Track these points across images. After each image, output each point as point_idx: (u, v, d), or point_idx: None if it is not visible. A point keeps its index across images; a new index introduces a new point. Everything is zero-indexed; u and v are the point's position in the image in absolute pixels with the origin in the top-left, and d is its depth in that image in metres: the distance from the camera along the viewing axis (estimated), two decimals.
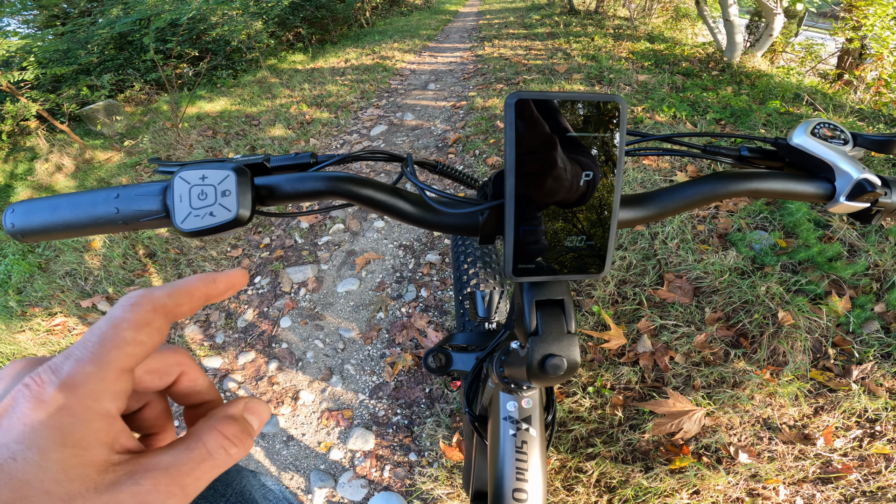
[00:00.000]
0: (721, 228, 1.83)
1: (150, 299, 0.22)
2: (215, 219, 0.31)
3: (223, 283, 0.26)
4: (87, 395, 0.19)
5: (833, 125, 0.40)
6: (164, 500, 0.20)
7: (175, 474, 0.20)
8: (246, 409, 0.24)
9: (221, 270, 1.74)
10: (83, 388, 0.19)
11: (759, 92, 3.12)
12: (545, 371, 0.33)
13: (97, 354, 0.20)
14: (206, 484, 0.22)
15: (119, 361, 0.21)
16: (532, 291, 0.34)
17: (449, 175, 0.46)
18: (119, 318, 0.21)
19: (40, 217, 0.33)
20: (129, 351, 0.21)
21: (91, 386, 0.20)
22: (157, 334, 0.22)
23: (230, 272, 0.27)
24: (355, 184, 0.34)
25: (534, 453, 0.46)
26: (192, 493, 0.21)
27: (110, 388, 0.20)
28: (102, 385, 0.20)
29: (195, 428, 0.23)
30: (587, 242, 0.32)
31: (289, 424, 1.46)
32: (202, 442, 0.22)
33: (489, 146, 2.80)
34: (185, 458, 0.21)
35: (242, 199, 0.31)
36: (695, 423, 1.23)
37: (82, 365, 0.20)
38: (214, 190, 0.31)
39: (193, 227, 0.31)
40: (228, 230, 0.31)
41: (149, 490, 0.20)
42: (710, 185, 0.38)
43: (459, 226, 0.36)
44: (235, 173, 0.31)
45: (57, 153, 3.81)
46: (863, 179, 0.37)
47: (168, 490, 0.20)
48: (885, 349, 1.34)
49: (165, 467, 0.20)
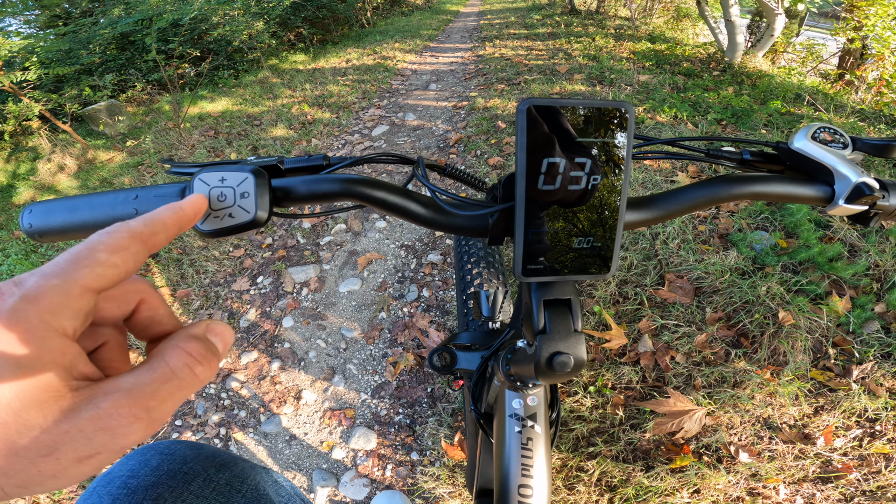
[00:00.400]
0: (722, 229, 1.84)
1: (127, 227, 0.22)
2: (234, 220, 0.32)
3: (190, 209, 0.26)
4: (47, 308, 0.18)
5: (833, 129, 0.41)
6: (128, 423, 0.18)
7: (138, 395, 0.19)
8: (209, 330, 0.24)
9: (223, 270, 1.73)
10: (43, 301, 0.18)
11: (761, 92, 3.12)
12: (553, 368, 0.34)
13: (66, 270, 0.19)
14: (172, 408, 0.20)
15: (87, 279, 0.20)
16: (540, 291, 0.35)
17: (457, 177, 0.46)
18: (95, 241, 0.21)
19: (59, 217, 0.34)
20: (99, 271, 0.20)
21: (52, 298, 0.18)
22: (131, 260, 0.22)
23: (190, 197, 0.28)
24: (368, 186, 0.35)
25: (539, 450, 0.47)
26: (158, 417, 0.20)
27: (72, 304, 0.19)
28: (64, 300, 0.19)
29: (157, 349, 0.22)
30: (594, 244, 0.33)
31: (291, 424, 1.46)
32: (165, 361, 0.21)
33: (490, 146, 2.80)
34: (148, 378, 0.20)
35: (260, 201, 0.32)
36: (695, 422, 1.23)
37: (47, 278, 0.19)
38: (233, 192, 0.32)
39: (213, 228, 0.32)
40: (246, 231, 0.32)
41: (110, 413, 0.18)
42: (713, 189, 0.38)
43: (469, 227, 0.37)
44: (254, 175, 0.32)
45: (59, 153, 3.82)
46: (861, 183, 0.37)
47: (131, 412, 0.19)
48: (885, 349, 1.35)
49: (128, 388, 0.19)
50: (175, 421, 1.53)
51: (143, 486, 0.43)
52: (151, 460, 0.46)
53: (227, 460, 0.50)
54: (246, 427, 1.47)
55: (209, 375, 0.22)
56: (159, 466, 0.45)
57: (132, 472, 0.44)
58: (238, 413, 1.52)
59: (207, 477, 0.46)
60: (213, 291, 2.01)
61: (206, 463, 0.47)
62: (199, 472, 0.46)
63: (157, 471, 0.44)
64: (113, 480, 0.44)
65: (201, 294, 2.00)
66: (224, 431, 1.47)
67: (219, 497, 0.45)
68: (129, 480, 0.43)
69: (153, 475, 0.44)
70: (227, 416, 1.51)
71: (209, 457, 0.48)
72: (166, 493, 0.43)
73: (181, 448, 0.48)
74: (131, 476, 0.44)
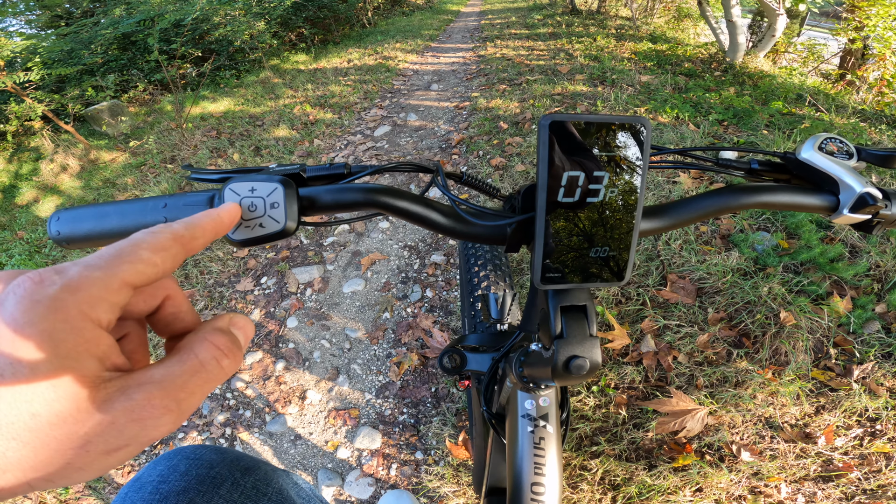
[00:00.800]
0: (724, 230, 1.85)
1: (170, 228, 0.23)
2: (265, 230, 0.32)
3: (226, 217, 0.28)
4: (86, 299, 0.18)
5: (839, 140, 0.42)
6: (160, 415, 0.19)
7: (169, 387, 0.19)
8: (232, 324, 0.24)
9: (227, 270, 1.74)
10: (84, 292, 0.18)
11: (762, 92, 3.13)
12: (570, 371, 0.35)
13: (109, 263, 0.20)
14: (199, 401, 0.21)
15: (128, 274, 0.20)
16: (557, 298, 0.36)
17: (474, 185, 0.47)
18: (139, 239, 0.22)
19: (87, 225, 0.34)
20: (140, 268, 0.21)
21: (92, 290, 0.19)
22: (170, 261, 0.22)
23: (226, 206, 0.29)
24: (391, 196, 0.36)
25: (550, 449, 0.48)
26: (187, 409, 0.20)
27: (111, 297, 0.19)
28: (104, 292, 0.19)
29: (185, 341, 0.22)
30: (609, 253, 0.34)
31: (296, 424, 1.48)
32: (194, 353, 0.21)
33: (492, 147, 2.81)
34: (179, 370, 0.20)
35: (290, 211, 0.33)
36: (698, 421, 1.24)
37: (90, 270, 0.19)
38: (263, 202, 0.32)
39: (244, 238, 0.32)
40: (276, 240, 0.33)
41: (143, 405, 0.18)
42: (723, 198, 0.40)
43: (488, 236, 0.38)
44: (283, 186, 0.33)
45: (62, 153, 3.84)
46: (865, 193, 0.39)
47: (163, 404, 0.19)
48: (885, 349, 1.36)
49: (159, 380, 0.19)
50: None
51: (174, 491, 0.44)
52: (179, 465, 0.46)
53: (251, 464, 0.51)
54: (251, 427, 1.49)
55: (234, 368, 0.23)
56: (188, 471, 0.46)
57: (162, 478, 0.45)
58: (243, 413, 1.53)
59: (235, 481, 0.47)
60: (217, 292, 2.02)
61: (231, 467, 0.48)
62: (226, 476, 0.47)
63: (186, 476, 0.45)
64: (144, 486, 0.44)
65: (206, 294, 2.02)
66: (229, 431, 1.48)
67: (247, 500, 0.46)
68: (161, 486, 0.44)
69: (183, 480, 0.45)
70: (233, 416, 1.52)
71: (234, 460, 0.49)
72: (197, 498, 0.44)
73: (206, 452, 0.49)
74: (162, 481, 0.45)
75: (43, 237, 2.87)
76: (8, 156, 4.23)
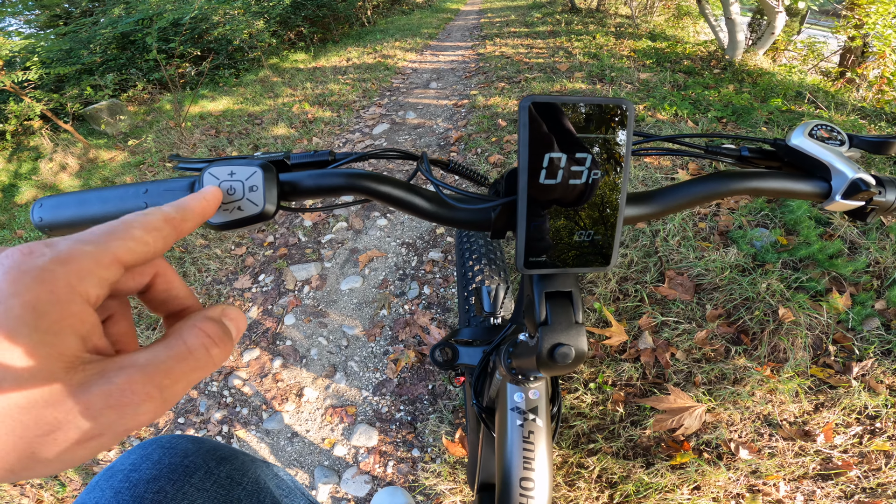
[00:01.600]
0: (722, 226, 1.84)
1: (160, 210, 0.23)
2: (243, 213, 0.32)
3: (211, 198, 0.28)
4: (76, 272, 0.18)
5: (830, 127, 0.41)
6: (140, 402, 0.17)
7: (153, 372, 0.18)
8: (224, 314, 0.24)
9: (225, 268, 1.74)
10: (73, 264, 0.18)
11: (761, 90, 3.12)
12: (554, 360, 0.34)
13: (100, 239, 0.19)
14: (184, 390, 0.20)
15: (119, 251, 0.20)
16: (542, 283, 0.36)
17: (459, 172, 0.47)
18: (131, 219, 0.22)
19: (69, 211, 0.34)
20: (132, 246, 0.20)
21: (82, 263, 0.18)
22: (161, 241, 0.22)
23: (209, 188, 0.29)
24: (373, 180, 0.36)
25: (540, 443, 0.48)
26: (170, 397, 0.19)
27: (101, 272, 0.19)
28: (94, 266, 0.18)
29: (174, 327, 0.22)
30: (594, 237, 0.34)
31: (293, 421, 1.47)
32: (182, 339, 0.20)
33: (491, 144, 2.81)
34: (165, 355, 0.19)
35: (268, 195, 0.32)
36: (695, 419, 1.24)
37: (81, 244, 0.19)
38: (242, 185, 0.32)
39: (222, 221, 0.32)
40: (255, 224, 0.33)
41: (122, 389, 0.17)
42: (711, 184, 0.39)
43: (472, 221, 0.38)
44: (262, 170, 0.33)
45: (61, 152, 3.83)
46: (857, 179, 0.38)
47: (145, 390, 0.18)
48: (885, 346, 1.35)
49: (143, 364, 0.18)
50: (178, 419, 1.54)
51: (144, 480, 0.43)
52: (153, 454, 0.46)
53: (228, 454, 0.50)
54: (248, 424, 1.48)
55: (223, 358, 0.22)
56: (160, 460, 0.45)
57: (134, 466, 0.45)
58: (240, 410, 1.52)
59: (208, 470, 0.46)
60: (215, 289, 2.02)
61: (206, 456, 0.48)
62: (199, 465, 0.46)
63: (158, 464, 0.45)
64: (115, 475, 0.44)
65: (203, 292, 2.01)
66: (226, 429, 1.48)
67: (220, 490, 0.46)
68: (131, 474, 0.44)
69: (154, 468, 0.44)
70: (230, 414, 1.52)
71: (210, 450, 0.49)
72: (167, 486, 0.43)
73: (182, 442, 0.48)
74: (133, 470, 0.44)
75: (41, 235, 2.87)
76: (7, 155, 4.23)
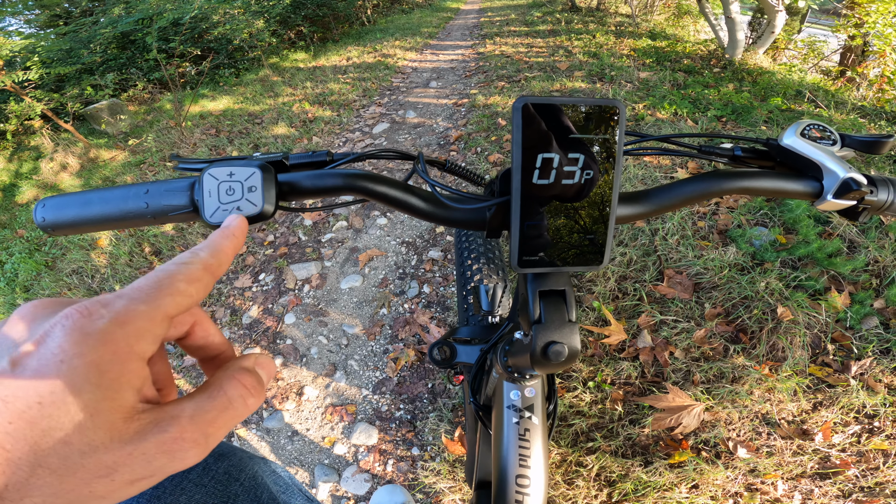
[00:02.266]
0: (721, 225, 1.84)
1: (200, 260, 0.24)
2: (242, 213, 0.33)
3: (238, 231, 0.28)
4: (133, 332, 0.19)
5: (822, 126, 0.42)
6: (189, 448, 0.19)
7: (200, 422, 0.20)
8: (257, 364, 0.25)
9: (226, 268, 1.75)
10: (132, 325, 0.19)
11: (761, 89, 3.12)
12: (548, 357, 0.35)
13: (151, 296, 0.21)
14: (223, 435, 0.22)
15: (169, 307, 0.21)
16: (536, 282, 0.36)
17: (456, 172, 0.47)
18: (174, 271, 0.22)
19: (71, 211, 0.35)
20: (179, 300, 0.22)
21: (139, 324, 0.19)
22: (203, 290, 0.23)
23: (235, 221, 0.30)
24: (370, 181, 0.36)
25: (536, 441, 0.48)
26: (213, 443, 0.21)
27: (154, 329, 0.20)
28: (149, 325, 0.20)
29: (214, 378, 0.23)
30: (587, 236, 0.34)
31: (293, 420, 1.48)
32: (223, 391, 0.22)
33: (490, 143, 2.81)
34: (209, 405, 0.21)
35: (267, 195, 0.33)
36: (694, 417, 1.24)
37: (136, 304, 0.20)
38: (241, 186, 0.33)
39: (221, 221, 0.33)
40: (253, 223, 0.33)
41: (175, 438, 0.19)
42: (704, 184, 0.39)
43: (468, 220, 0.38)
44: (261, 170, 0.33)
45: (62, 152, 3.84)
46: (849, 178, 0.38)
47: (193, 438, 0.20)
48: (883, 345, 1.35)
49: (190, 415, 0.20)
50: None
51: None
52: None
53: (226, 450, 0.51)
54: (248, 423, 1.49)
55: (257, 405, 0.24)
56: None
57: None
58: None
59: (206, 466, 0.47)
60: (215, 289, 2.02)
61: None
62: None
63: None
64: None
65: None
66: None
67: (217, 485, 0.46)
68: None
69: None
70: None
71: None
72: (165, 482, 0.44)
73: None
74: None
75: (43, 235, 2.88)
76: (8, 155, 4.24)
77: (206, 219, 0.33)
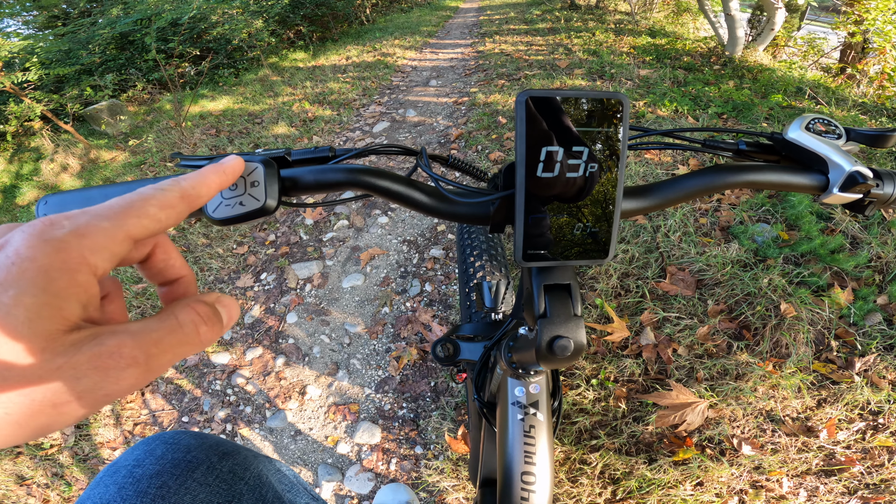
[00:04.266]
0: (723, 221, 1.84)
1: (178, 186, 0.23)
2: (245, 208, 0.32)
3: (230, 170, 0.28)
4: (89, 246, 0.19)
5: (827, 120, 0.41)
6: (125, 366, 0.18)
7: (142, 340, 0.19)
8: (218, 301, 0.25)
9: (227, 267, 1.74)
10: (90, 239, 0.19)
11: (761, 86, 3.11)
12: (553, 352, 0.34)
13: (117, 214, 0.20)
14: (169, 362, 0.20)
15: (133, 228, 0.21)
16: (540, 276, 0.36)
17: (459, 168, 0.47)
18: (148, 194, 0.22)
19: (74, 208, 0.34)
20: (146, 223, 0.21)
21: (97, 238, 0.19)
22: (175, 217, 0.23)
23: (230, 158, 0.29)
24: (373, 175, 0.36)
25: (541, 438, 0.48)
26: (155, 366, 0.19)
27: (113, 247, 0.20)
28: (108, 242, 0.20)
29: (169, 306, 0.23)
30: (592, 230, 0.34)
31: (296, 419, 1.47)
32: (174, 314, 0.22)
33: (491, 142, 2.80)
34: (155, 325, 0.20)
35: (270, 190, 0.33)
36: (698, 414, 1.24)
37: (99, 219, 0.20)
38: (244, 181, 0.33)
39: (224, 216, 0.32)
40: (256, 218, 0.33)
41: (111, 352, 0.18)
42: (708, 177, 0.39)
43: (472, 215, 0.38)
44: (263, 165, 0.33)
45: (62, 153, 3.84)
46: (855, 171, 0.38)
47: (132, 354, 0.18)
48: (887, 341, 1.35)
49: (134, 332, 0.19)
50: (182, 417, 1.54)
51: (147, 475, 0.44)
52: (156, 450, 0.46)
53: (231, 449, 0.50)
54: (252, 423, 1.48)
55: (210, 339, 0.23)
56: (163, 455, 0.46)
57: (137, 462, 0.45)
58: (244, 409, 1.53)
59: (211, 465, 0.47)
60: (217, 288, 2.02)
61: (209, 451, 0.48)
62: (202, 460, 0.47)
63: (161, 460, 0.45)
64: (119, 470, 0.44)
65: (206, 291, 2.01)
66: (230, 427, 1.48)
67: (222, 484, 0.46)
68: (135, 469, 0.44)
69: (157, 464, 0.45)
70: (233, 412, 1.52)
71: (212, 446, 0.49)
72: (170, 481, 0.43)
73: (185, 437, 0.49)
74: (136, 465, 0.45)
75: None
76: (8, 156, 4.23)
77: (208, 215, 0.33)
